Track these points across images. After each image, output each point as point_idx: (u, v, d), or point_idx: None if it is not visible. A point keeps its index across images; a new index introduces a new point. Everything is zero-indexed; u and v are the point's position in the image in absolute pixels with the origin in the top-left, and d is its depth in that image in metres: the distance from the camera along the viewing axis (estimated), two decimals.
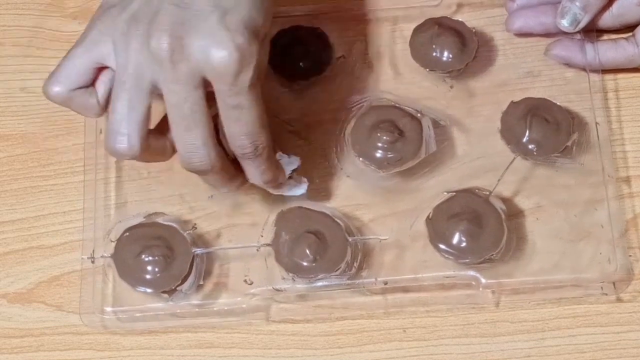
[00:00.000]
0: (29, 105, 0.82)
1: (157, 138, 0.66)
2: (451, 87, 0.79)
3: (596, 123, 0.76)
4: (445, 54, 0.78)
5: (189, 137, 0.65)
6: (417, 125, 0.75)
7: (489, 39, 0.80)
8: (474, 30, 0.79)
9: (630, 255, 0.73)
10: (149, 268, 0.72)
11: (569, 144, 0.75)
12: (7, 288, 0.76)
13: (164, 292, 0.73)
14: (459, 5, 0.81)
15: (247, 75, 0.63)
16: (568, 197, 0.75)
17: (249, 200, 0.76)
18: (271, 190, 0.73)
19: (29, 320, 0.75)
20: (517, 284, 0.73)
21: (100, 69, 0.66)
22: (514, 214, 0.75)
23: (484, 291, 0.73)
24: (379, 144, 0.74)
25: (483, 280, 0.72)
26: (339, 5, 0.82)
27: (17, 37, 0.84)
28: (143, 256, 0.72)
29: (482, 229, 0.72)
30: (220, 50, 0.62)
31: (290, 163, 0.73)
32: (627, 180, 0.76)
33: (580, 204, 0.75)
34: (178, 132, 0.65)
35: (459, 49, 0.78)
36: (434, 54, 0.78)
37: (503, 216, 0.73)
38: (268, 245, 0.73)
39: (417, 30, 0.79)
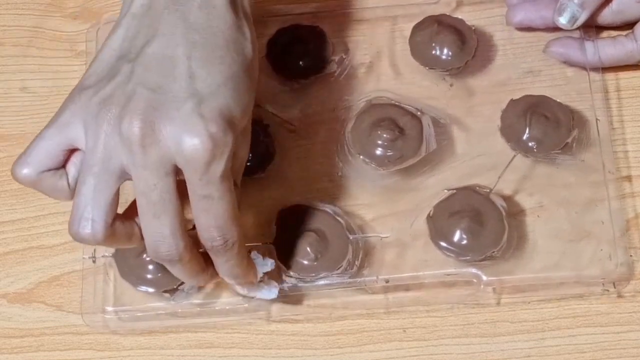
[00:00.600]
0: (29, 105, 0.82)
1: (124, 223, 0.64)
2: (451, 85, 0.79)
3: (597, 119, 0.76)
4: (445, 52, 0.78)
5: (157, 225, 0.62)
6: (417, 123, 0.75)
7: (488, 37, 0.80)
8: (473, 28, 0.79)
9: (631, 255, 0.73)
10: (151, 267, 0.72)
11: (569, 140, 0.75)
12: (7, 288, 0.76)
13: (166, 291, 0.72)
14: (459, 3, 0.81)
15: (220, 165, 0.61)
16: (569, 194, 0.75)
17: (249, 199, 0.75)
18: (239, 290, 0.71)
19: (29, 320, 0.75)
20: (518, 282, 0.73)
21: (72, 150, 0.63)
22: (515, 212, 0.74)
23: (484, 289, 0.72)
24: (379, 142, 0.74)
25: (484, 278, 0.72)
26: (339, 4, 0.81)
27: (17, 37, 0.84)
28: (144, 255, 0.72)
29: (482, 226, 0.72)
30: (192, 138, 0.60)
31: (264, 265, 0.70)
32: (629, 179, 0.76)
33: (581, 201, 0.74)
34: (145, 219, 0.62)
35: (458, 47, 0.77)
36: (434, 52, 0.78)
37: (504, 214, 0.73)
38: (269, 243, 0.73)
39: (417, 28, 0.79)
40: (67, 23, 0.84)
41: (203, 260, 0.66)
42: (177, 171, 0.62)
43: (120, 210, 0.64)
